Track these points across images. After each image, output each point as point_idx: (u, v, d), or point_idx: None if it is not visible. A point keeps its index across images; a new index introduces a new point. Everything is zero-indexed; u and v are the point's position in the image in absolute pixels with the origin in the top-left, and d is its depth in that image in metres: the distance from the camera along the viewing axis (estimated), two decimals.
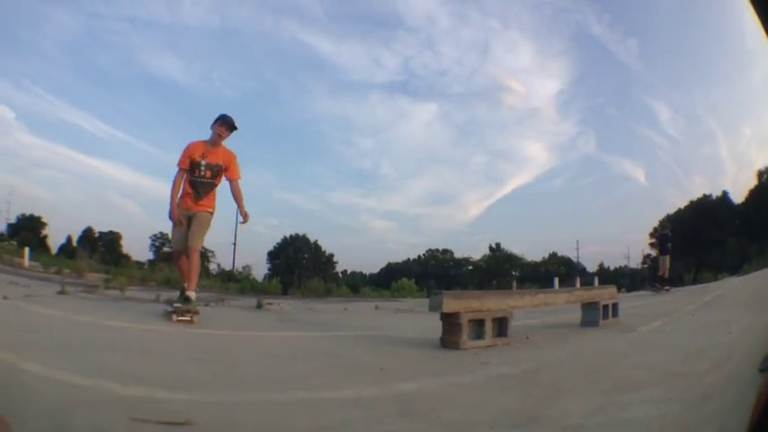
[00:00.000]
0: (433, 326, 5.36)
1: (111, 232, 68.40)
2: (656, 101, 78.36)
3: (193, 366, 3.77)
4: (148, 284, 15.10)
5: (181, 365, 3.75)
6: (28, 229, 59.13)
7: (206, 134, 6.55)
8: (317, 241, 57.58)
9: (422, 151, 63.49)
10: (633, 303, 11.97)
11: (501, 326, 5.37)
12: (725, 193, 56.67)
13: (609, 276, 52.11)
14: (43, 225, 64.94)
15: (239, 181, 6.60)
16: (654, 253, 59.87)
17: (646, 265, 57.90)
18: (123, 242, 67.27)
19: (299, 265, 52.03)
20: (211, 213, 6.62)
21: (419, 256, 68.07)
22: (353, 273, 63.03)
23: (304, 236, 57.04)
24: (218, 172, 6.49)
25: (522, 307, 5.91)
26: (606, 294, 7.28)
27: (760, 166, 51.69)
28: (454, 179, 77.14)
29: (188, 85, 77.19)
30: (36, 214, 64.48)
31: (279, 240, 57.69)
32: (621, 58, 71.93)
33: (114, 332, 5.12)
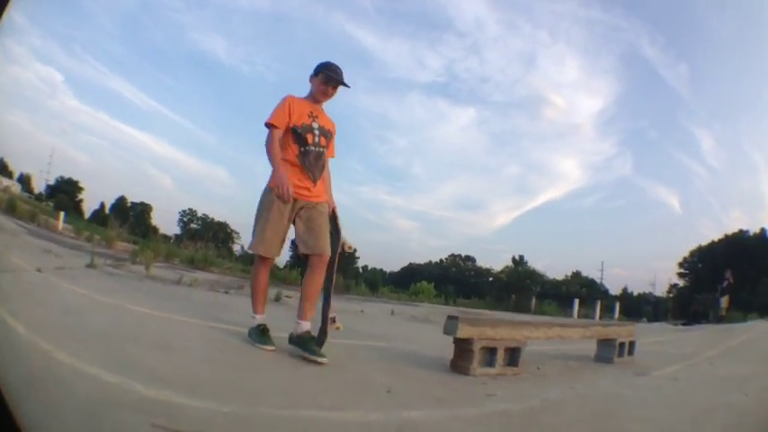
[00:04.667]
0: (446, 342, 5.35)
1: (142, 203, 70.63)
2: (700, 129, 76.90)
3: (209, 367, 3.90)
4: (172, 261, 15.67)
5: (197, 366, 3.88)
6: (65, 192, 61.27)
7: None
8: None
9: (455, 155, 63.31)
10: (655, 339, 11.70)
11: (513, 355, 5.39)
12: (763, 230, 55.40)
13: (632, 301, 51.35)
14: (80, 189, 67.48)
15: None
16: (681, 283, 58.96)
17: (671, 295, 56.96)
18: (153, 214, 69.28)
19: None
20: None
21: (441, 260, 67.83)
22: (374, 269, 63.02)
23: None
24: (329, 141, 4.77)
25: (536, 338, 5.92)
26: (624, 332, 7.21)
27: None
28: (484, 186, 76.93)
29: (232, 67, 78.29)
30: (74, 178, 66.79)
31: None
32: (670, 82, 70.72)
33: (137, 319, 5.33)
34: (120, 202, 69.64)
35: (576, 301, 29.34)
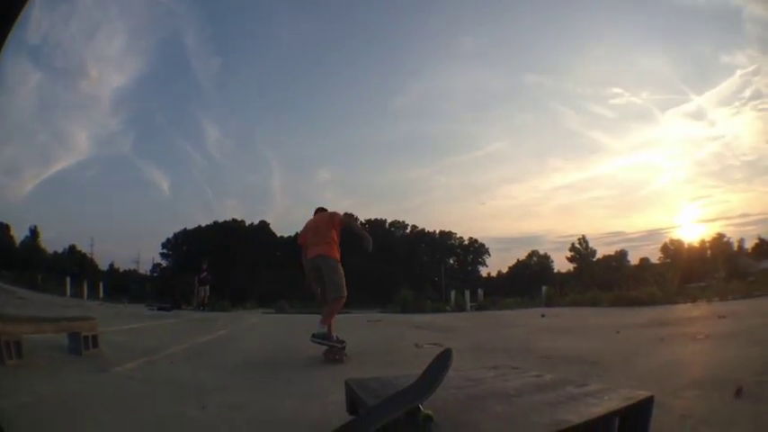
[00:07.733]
0: None
1: None
2: (209, 121, 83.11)
3: None
4: None
5: None
6: None
7: None
8: None
9: (16, 114, 54.49)
10: (130, 325, 11.60)
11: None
12: (263, 222, 65.14)
13: (119, 278, 51.97)
14: None
15: None
16: (165, 263, 62.18)
17: (156, 275, 59.68)
18: None
19: None
20: None
21: None
22: None
23: None
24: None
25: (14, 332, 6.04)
26: (86, 326, 7.36)
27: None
28: (21, 150, 68.76)
29: None
30: None
31: None
32: (197, 73, 75.78)
33: None
34: None
35: (69, 279, 28.98)
